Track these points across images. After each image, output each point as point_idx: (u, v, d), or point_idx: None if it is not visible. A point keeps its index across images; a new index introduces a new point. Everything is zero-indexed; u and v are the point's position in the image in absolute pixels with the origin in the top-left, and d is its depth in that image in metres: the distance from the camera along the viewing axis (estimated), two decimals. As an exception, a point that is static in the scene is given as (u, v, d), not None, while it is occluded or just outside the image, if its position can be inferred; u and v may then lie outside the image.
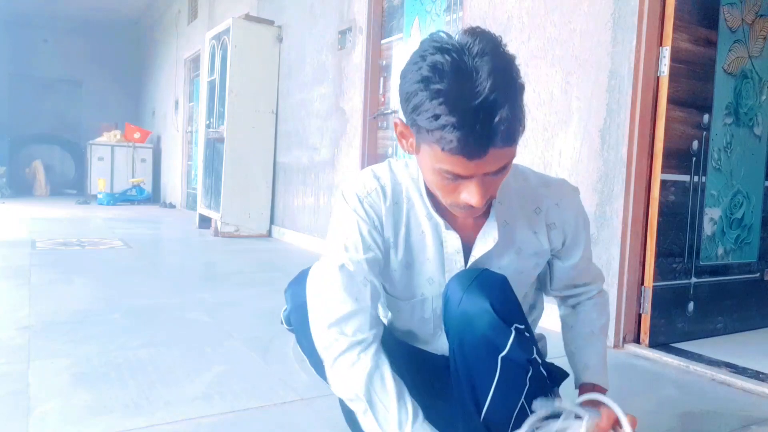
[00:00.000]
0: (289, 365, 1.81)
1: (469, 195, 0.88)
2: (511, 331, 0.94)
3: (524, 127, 0.87)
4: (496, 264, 1.04)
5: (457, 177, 0.87)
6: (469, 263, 1.03)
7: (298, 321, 1.11)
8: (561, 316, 1.25)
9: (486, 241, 1.01)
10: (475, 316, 0.94)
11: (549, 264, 1.15)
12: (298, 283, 1.11)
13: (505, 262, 1.05)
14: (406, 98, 0.87)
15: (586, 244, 1.14)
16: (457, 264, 1.03)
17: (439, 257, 1.04)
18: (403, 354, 1.09)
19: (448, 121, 0.80)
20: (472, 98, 0.79)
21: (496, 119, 0.80)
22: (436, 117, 0.81)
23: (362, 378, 0.94)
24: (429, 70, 0.82)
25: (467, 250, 1.03)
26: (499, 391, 0.97)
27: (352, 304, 0.96)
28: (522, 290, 1.10)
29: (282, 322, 1.19)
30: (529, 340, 0.98)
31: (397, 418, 0.92)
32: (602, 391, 1.11)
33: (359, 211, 1.00)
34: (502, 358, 0.95)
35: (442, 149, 0.83)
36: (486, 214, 1.02)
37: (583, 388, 1.13)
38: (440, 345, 1.11)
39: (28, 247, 3.94)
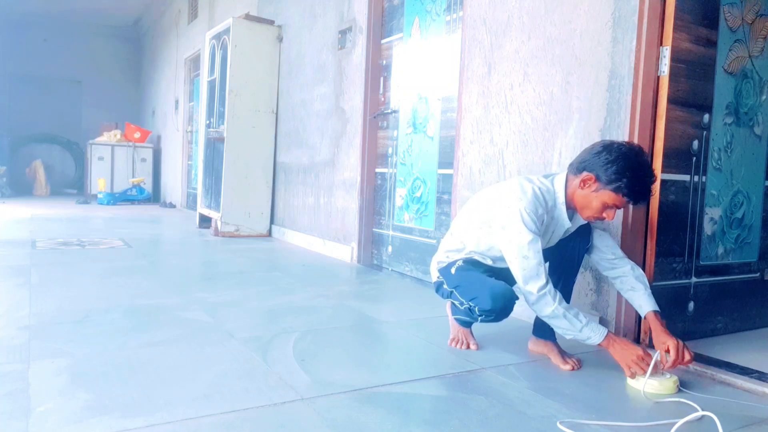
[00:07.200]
0: (289, 365, 1.81)
1: (609, 215, 1.81)
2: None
3: None
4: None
5: (613, 206, 1.80)
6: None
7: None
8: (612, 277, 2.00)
9: (575, 224, 1.97)
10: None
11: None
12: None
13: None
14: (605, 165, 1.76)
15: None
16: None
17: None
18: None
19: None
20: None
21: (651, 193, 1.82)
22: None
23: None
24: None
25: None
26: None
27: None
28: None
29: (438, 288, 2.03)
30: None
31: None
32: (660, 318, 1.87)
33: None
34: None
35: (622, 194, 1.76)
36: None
37: (649, 314, 1.88)
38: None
39: (28, 247, 3.94)
